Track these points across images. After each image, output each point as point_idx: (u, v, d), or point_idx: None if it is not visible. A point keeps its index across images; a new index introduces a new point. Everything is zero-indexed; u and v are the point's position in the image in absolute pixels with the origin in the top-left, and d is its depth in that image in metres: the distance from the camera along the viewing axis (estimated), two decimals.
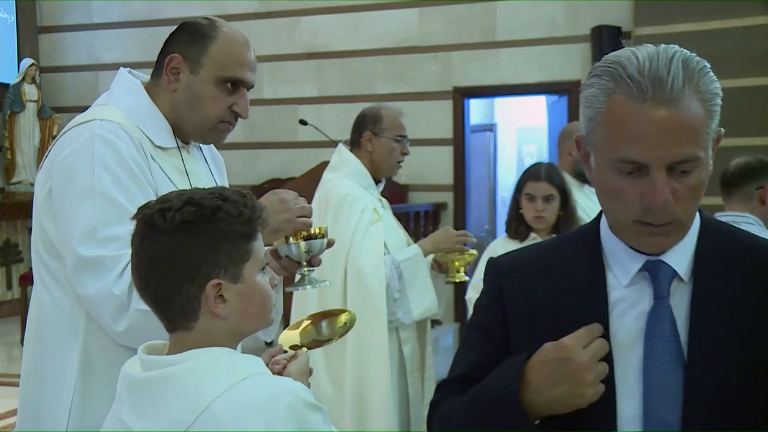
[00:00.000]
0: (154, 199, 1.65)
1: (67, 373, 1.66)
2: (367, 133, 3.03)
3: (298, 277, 1.81)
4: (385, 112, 3.08)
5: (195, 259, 1.19)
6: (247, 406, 1.13)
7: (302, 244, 1.76)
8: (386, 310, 2.86)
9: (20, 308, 7.00)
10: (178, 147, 1.80)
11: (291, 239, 1.76)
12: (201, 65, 1.75)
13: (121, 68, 1.86)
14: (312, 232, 1.78)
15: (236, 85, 1.78)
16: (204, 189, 1.27)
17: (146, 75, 1.87)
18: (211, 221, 1.20)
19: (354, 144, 3.10)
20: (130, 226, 1.53)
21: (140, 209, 1.25)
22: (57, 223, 1.63)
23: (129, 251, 1.52)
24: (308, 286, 1.80)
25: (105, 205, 1.59)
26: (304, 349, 1.52)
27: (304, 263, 1.79)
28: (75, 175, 1.62)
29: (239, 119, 1.83)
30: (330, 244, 1.84)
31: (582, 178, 3.44)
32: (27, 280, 6.83)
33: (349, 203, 2.92)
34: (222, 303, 1.21)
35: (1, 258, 7.94)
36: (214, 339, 1.22)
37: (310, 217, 1.79)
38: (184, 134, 1.82)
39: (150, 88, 1.81)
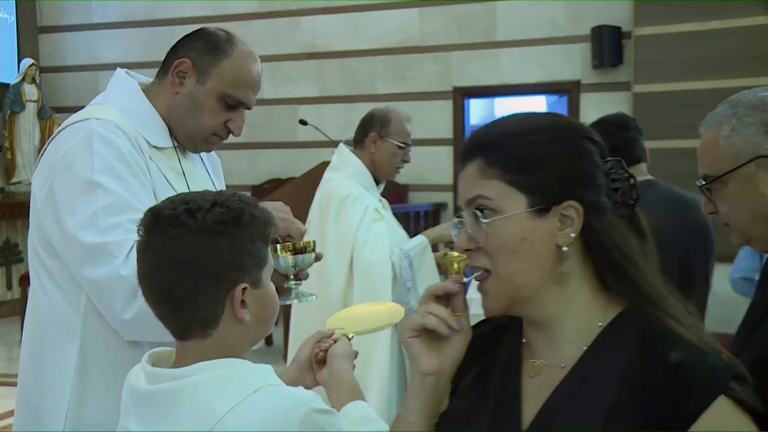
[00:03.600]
0: (153, 195, 1.66)
1: (64, 374, 1.66)
2: (373, 134, 3.05)
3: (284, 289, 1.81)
4: (394, 117, 3.09)
5: (225, 261, 1.15)
6: (259, 419, 1.10)
7: (290, 258, 1.75)
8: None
9: (20, 308, 6.98)
10: (175, 147, 1.81)
11: (280, 253, 1.75)
12: (209, 77, 1.75)
13: (118, 69, 1.86)
14: (300, 245, 1.77)
15: (237, 104, 1.78)
16: (210, 191, 1.24)
17: (144, 76, 1.87)
18: (238, 224, 1.17)
19: (357, 142, 3.11)
20: (131, 215, 1.55)
21: (151, 211, 1.19)
22: (58, 220, 1.63)
23: (132, 236, 1.53)
24: (295, 300, 1.79)
25: (104, 195, 1.59)
26: (351, 334, 1.50)
27: (292, 277, 1.78)
28: (74, 170, 1.62)
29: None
30: (318, 259, 1.83)
31: None
32: (27, 280, 6.78)
33: (351, 202, 2.96)
34: (244, 308, 1.18)
35: (1, 258, 7.94)
36: (229, 346, 1.19)
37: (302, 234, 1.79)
38: (177, 136, 1.82)
39: (150, 88, 1.81)
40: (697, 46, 5.76)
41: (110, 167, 1.62)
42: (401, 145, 3.06)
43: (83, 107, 1.81)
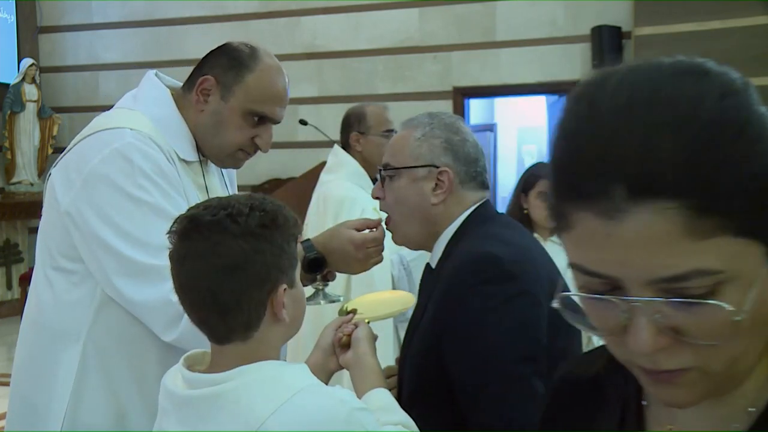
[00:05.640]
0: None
1: (66, 374, 1.65)
2: (354, 133, 3.08)
3: (311, 291, 1.79)
4: (369, 110, 3.11)
5: (268, 263, 1.17)
6: (306, 420, 1.12)
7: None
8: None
9: (20, 308, 6.96)
10: (200, 161, 1.79)
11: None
12: (232, 93, 1.73)
13: (149, 71, 1.84)
14: None
15: (263, 119, 1.77)
16: (239, 195, 1.27)
17: (172, 79, 1.85)
18: (276, 226, 1.19)
19: (344, 145, 3.13)
20: None
21: (187, 218, 1.19)
22: (92, 231, 1.60)
23: None
24: (322, 302, 1.79)
25: (154, 215, 1.57)
26: (367, 320, 1.56)
27: (319, 278, 1.78)
28: (116, 185, 1.59)
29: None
30: None
31: None
32: (27, 280, 6.82)
33: (348, 206, 2.95)
34: (284, 308, 1.20)
35: (1, 258, 7.93)
36: (267, 347, 1.21)
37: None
38: (204, 151, 1.81)
39: (178, 99, 1.78)
40: (697, 46, 5.75)
41: (155, 184, 1.60)
42: (385, 134, 3.07)
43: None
